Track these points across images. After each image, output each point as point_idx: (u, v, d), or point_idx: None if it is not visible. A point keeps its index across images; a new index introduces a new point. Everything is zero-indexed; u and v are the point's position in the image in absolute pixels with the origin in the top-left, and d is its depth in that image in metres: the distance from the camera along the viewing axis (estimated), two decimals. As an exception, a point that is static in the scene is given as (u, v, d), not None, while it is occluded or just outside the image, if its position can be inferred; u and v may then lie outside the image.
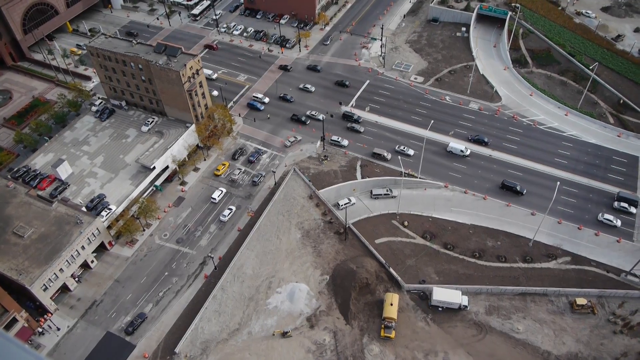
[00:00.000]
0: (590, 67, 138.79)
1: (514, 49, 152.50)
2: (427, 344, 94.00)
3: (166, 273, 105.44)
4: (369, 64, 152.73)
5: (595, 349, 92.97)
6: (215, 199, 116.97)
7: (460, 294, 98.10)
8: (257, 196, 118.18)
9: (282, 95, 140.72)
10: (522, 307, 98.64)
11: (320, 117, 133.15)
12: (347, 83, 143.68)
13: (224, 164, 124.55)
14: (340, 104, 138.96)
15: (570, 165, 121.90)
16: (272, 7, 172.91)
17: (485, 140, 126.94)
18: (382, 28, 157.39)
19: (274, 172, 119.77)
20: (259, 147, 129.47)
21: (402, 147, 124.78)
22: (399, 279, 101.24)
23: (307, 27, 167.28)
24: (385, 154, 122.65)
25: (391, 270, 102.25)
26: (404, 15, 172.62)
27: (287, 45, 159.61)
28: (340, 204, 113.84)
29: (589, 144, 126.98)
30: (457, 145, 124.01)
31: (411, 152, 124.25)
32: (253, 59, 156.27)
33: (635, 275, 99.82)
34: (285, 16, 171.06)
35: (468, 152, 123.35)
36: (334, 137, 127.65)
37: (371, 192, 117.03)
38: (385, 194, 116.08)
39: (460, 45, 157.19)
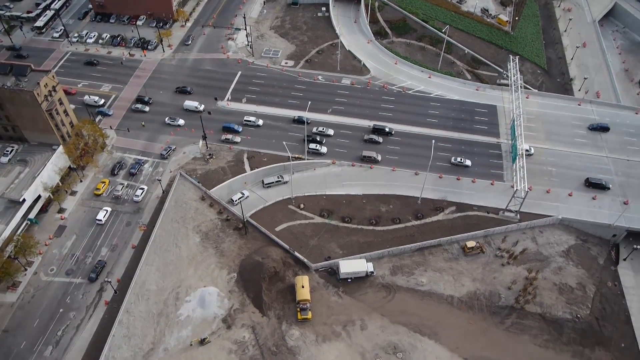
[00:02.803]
0: (443, 31, 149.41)
1: (373, 22, 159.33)
2: (344, 316, 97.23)
3: (61, 309, 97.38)
4: (238, 54, 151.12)
5: (489, 283, 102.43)
6: (100, 220, 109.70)
7: (365, 261, 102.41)
8: (147, 208, 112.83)
9: (296, 117, 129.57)
10: (422, 261, 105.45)
11: (330, 132, 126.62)
12: (189, 89, 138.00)
13: (103, 182, 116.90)
14: (216, 99, 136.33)
15: (441, 123, 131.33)
16: (125, 9, 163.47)
17: (188, 89, 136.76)
18: (244, 17, 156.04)
19: (160, 180, 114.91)
20: (139, 157, 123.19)
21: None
22: (306, 260, 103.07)
23: (167, 26, 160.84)
24: (375, 155, 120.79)
25: (296, 253, 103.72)
26: (264, 2, 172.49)
27: (149, 47, 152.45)
28: (234, 200, 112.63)
29: (454, 101, 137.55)
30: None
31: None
32: (114, 66, 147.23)
33: (510, 211, 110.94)
34: (142, 17, 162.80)
35: (532, 151, 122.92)
36: (312, 146, 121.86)
37: (263, 181, 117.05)
38: (277, 181, 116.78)
39: (323, 25, 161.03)
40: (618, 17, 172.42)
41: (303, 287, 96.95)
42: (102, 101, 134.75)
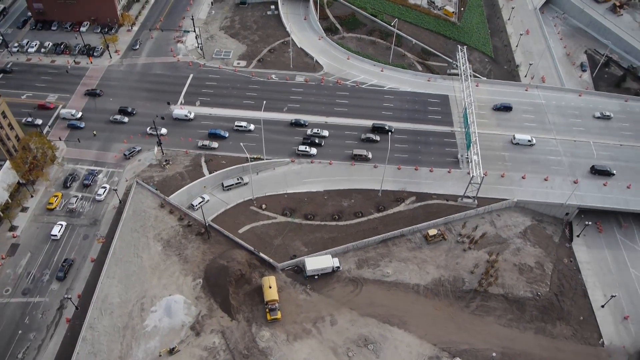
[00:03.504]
0: (392, 24, 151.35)
1: (323, 18, 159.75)
2: (313, 313, 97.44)
3: (20, 331, 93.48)
4: (188, 57, 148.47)
5: (453, 269, 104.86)
6: (56, 235, 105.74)
7: (331, 257, 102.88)
8: (104, 220, 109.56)
9: (293, 121, 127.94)
10: (386, 253, 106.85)
11: (325, 133, 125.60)
12: (98, 92, 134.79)
13: (56, 196, 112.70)
14: (169, 104, 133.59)
15: (396, 115, 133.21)
16: (66, 16, 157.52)
17: (98, 92, 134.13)
18: (192, 19, 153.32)
19: (116, 189, 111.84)
20: (92, 167, 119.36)
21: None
22: (271, 260, 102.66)
23: (113, 31, 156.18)
24: (366, 153, 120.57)
25: (261, 254, 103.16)
26: (212, 3, 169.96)
27: (95, 54, 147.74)
28: (195, 205, 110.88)
29: (407, 93, 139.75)
30: (523, 136, 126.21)
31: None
32: (60, 75, 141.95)
33: (468, 197, 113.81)
34: (85, 23, 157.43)
35: (534, 141, 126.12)
36: (301, 148, 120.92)
37: (222, 184, 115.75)
38: (237, 183, 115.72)
39: (273, 24, 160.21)
40: (557, 3, 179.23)
41: (270, 287, 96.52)
42: (80, 114, 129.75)
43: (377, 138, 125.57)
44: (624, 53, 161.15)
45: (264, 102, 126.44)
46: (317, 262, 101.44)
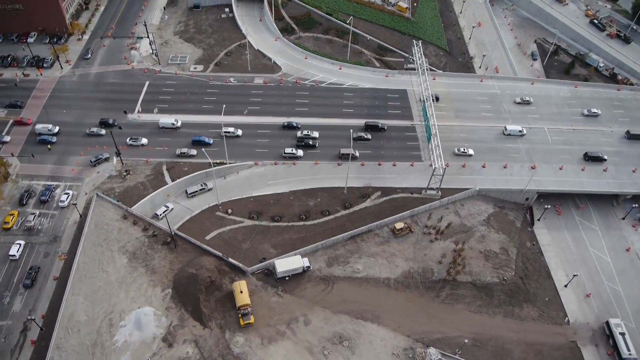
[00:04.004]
0: (347, 22, 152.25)
1: (278, 19, 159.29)
2: (286, 314, 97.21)
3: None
4: (143, 64, 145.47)
5: (421, 260, 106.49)
6: (14, 255, 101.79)
7: (300, 257, 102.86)
8: (65, 236, 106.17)
9: (285, 124, 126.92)
10: (355, 249, 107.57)
11: (315, 134, 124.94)
12: (19, 103, 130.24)
13: (11, 214, 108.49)
14: (126, 112, 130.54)
15: (357, 112, 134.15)
16: (12, 27, 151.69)
17: (19, 103, 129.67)
18: (145, 25, 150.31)
19: (75, 204, 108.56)
20: (49, 183, 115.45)
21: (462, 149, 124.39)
22: (241, 265, 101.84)
23: (62, 41, 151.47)
24: (354, 152, 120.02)
25: (230, 260, 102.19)
26: (164, 8, 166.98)
27: (45, 65, 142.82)
28: (159, 214, 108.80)
29: (366, 89, 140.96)
30: (514, 127, 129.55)
31: (471, 151, 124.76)
32: (8, 89, 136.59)
33: (432, 189, 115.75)
34: (32, 33, 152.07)
35: (525, 132, 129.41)
36: (288, 150, 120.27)
37: (186, 191, 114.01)
38: (201, 190, 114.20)
39: (229, 26, 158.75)
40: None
41: (242, 292, 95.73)
42: (57, 129, 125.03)
43: (369, 137, 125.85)
44: (571, 41, 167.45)
45: (224, 106, 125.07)
46: (287, 264, 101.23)
